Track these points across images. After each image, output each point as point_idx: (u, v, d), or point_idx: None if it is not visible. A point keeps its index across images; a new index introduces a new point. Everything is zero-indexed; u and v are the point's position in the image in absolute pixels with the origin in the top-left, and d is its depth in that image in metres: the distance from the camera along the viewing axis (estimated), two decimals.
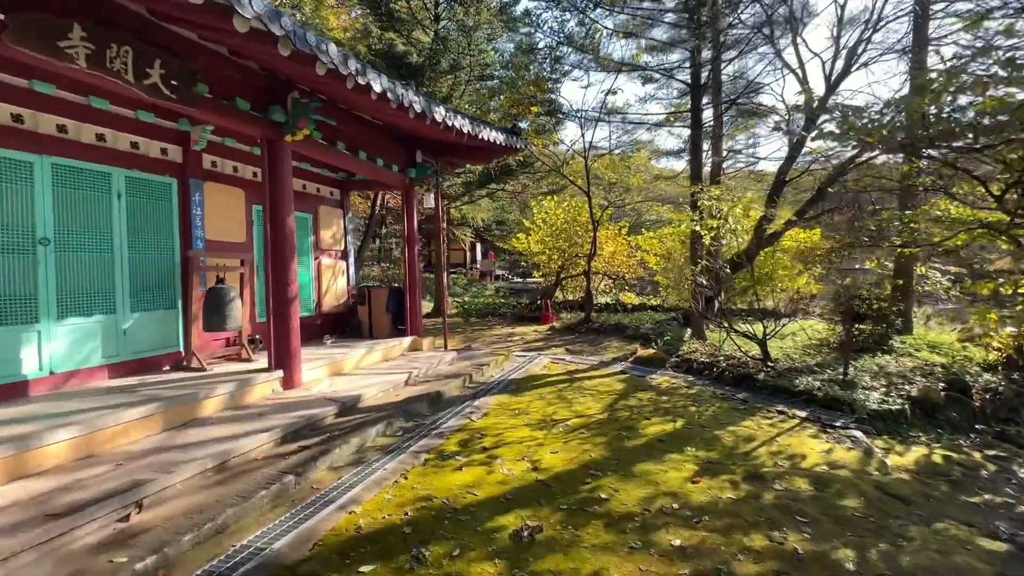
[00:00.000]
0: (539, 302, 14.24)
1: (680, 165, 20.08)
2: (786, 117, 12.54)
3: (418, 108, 5.37)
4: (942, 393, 5.65)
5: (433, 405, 5.39)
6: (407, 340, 7.36)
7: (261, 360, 5.33)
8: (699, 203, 8.04)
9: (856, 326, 9.09)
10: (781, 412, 5.46)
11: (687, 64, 9.13)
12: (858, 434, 4.74)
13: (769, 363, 6.58)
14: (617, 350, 9.04)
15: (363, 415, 4.72)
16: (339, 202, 7.86)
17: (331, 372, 5.81)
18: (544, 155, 10.19)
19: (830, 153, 12.59)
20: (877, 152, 10.51)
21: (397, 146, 7.30)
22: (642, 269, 16.79)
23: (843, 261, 8.01)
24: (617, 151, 14.36)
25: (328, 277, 7.56)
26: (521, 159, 12.29)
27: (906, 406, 5.38)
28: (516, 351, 9.02)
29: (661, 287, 17.40)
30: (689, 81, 9.00)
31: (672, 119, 11.46)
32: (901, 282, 9.01)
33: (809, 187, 11.77)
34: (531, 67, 10.27)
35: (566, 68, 10.12)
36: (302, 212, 7.16)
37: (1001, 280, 6.04)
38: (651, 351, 8.10)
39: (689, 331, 9.45)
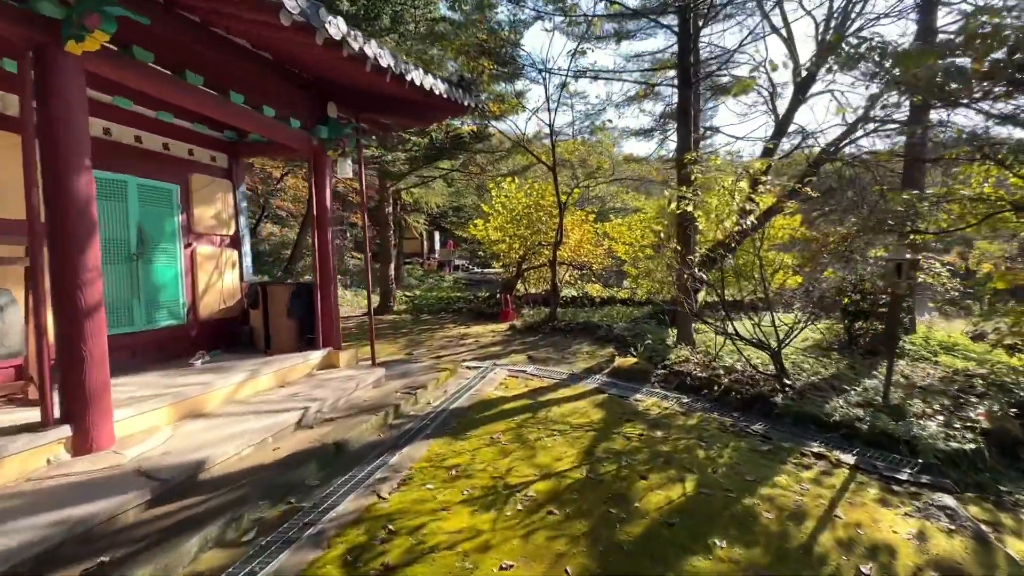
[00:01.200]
0: (498, 296, 12.50)
1: (650, 146, 18.59)
2: (769, 91, 11.20)
3: (301, 15, 3.45)
4: (1018, 422, 4.28)
5: (328, 466, 3.57)
6: (317, 355, 5.47)
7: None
8: (693, 177, 6.46)
9: (858, 324, 7.80)
10: (820, 456, 3.93)
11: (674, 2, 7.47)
12: (949, 501, 3.24)
13: (786, 381, 5.07)
14: (589, 356, 7.41)
15: (198, 500, 2.85)
16: (226, 171, 5.83)
17: (179, 415, 3.87)
18: (501, 124, 8.40)
19: (820, 131, 11.15)
20: (873, 127, 9.27)
21: (300, 94, 5.34)
22: (610, 259, 15.32)
23: (852, 251, 6.62)
24: (585, 127, 12.72)
25: (208, 272, 5.55)
26: (475, 130, 10.46)
27: (981, 444, 3.96)
28: (467, 360, 7.25)
29: (630, 278, 16.03)
30: (677, 27, 7.36)
31: (651, 87, 9.82)
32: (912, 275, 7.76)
33: (791, 172, 10.49)
34: (486, 11, 8.41)
35: (527, 14, 8.31)
36: (161, 181, 5.12)
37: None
38: (631, 360, 6.51)
39: (674, 332, 7.93)
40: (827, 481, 3.57)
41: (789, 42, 8.98)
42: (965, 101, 4.59)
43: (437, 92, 5.25)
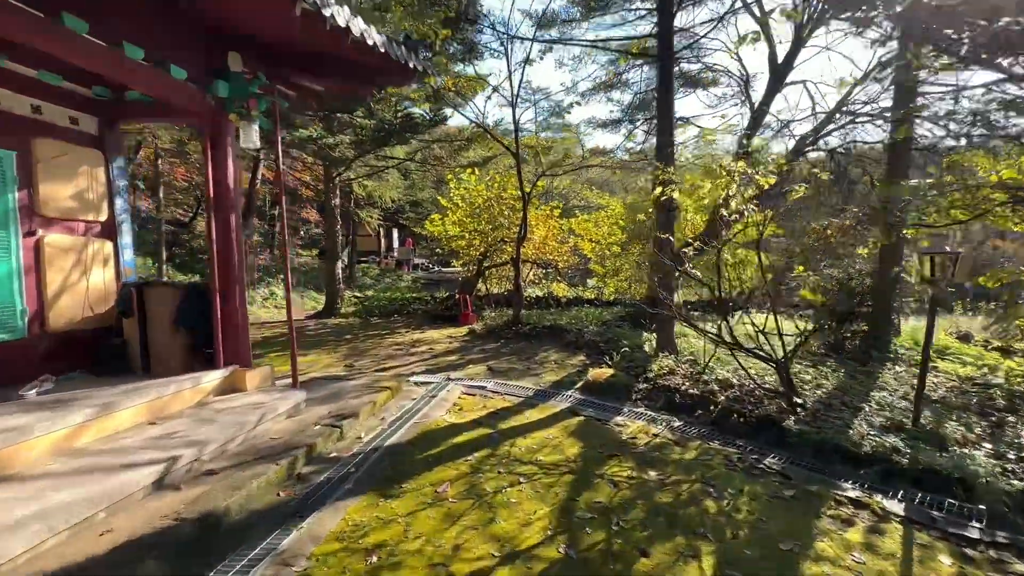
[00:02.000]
0: (457, 298, 11.35)
1: (617, 139, 17.69)
2: (743, 79, 10.55)
3: None
4: None
5: (184, 558, 2.37)
6: (215, 376, 4.20)
7: None
8: (678, 158, 5.56)
9: (848, 327, 7.14)
10: (859, 504, 3.04)
11: None
12: None
13: (796, 399, 4.20)
14: (558, 367, 6.40)
15: None
16: (95, 138, 4.45)
17: None
18: (455, 92, 7.25)
19: (798, 119, 10.43)
20: (861, 117, 8.69)
21: (189, 36, 4.06)
22: (576, 257, 14.44)
23: (853, 244, 5.88)
24: (550, 122, 11.73)
25: (64, 269, 4.17)
26: (429, 109, 9.27)
27: None
28: (417, 374, 6.09)
29: (597, 277, 15.21)
30: None
31: (635, 49, 8.87)
32: (898, 270, 7.16)
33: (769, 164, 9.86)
34: None
35: None
36: None
37: None
38: (607, 371, 5.54)
39: (652, 338, 7.03)
40: (881, 544, 2.67)
41: (764, 25, 8.28)
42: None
43: (371, 43, 4.08)
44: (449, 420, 4.38)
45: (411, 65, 4.75)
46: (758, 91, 11.52)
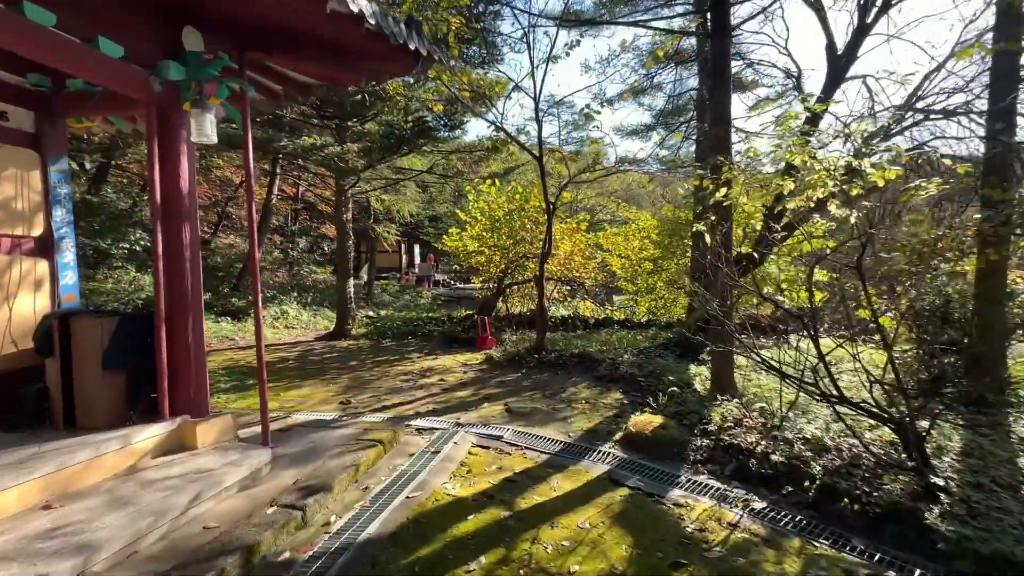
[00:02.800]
0: (475, 319, 10.36)
1: (646, 148, 16.59)
2: (794, 76, 9.38)
3: None
4: None
5: None
6: (154, 431, 3.26)
7: None
8: (746, 153, 4.47)
9: (942, 360, 5.81)
10: None
11: None
12: None
13: (934, 479, 2.99)
14: (590, 407, 5.29)
15: None
16: (30, 136, 3.65)
17: None
18: (473, 94, 6.33)
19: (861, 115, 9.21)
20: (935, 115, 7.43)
21: (131, 5, 3.23)
22: (603, 273, 13.32)
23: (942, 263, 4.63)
24: (574, 137, 10.74)
25: None
26: (443, 113, 8.43)
27: None
28: (420, 415, 5.08)
29: (626, 295, 14.03)
30: None
31: (672, 44, 7.83)
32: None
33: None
34: None
35: None
36: None
37: None
38: (653, 419, 4.40)
39: (702, 372, 5.85)
40: None
41: (820, 10, 7.14)
42: None
43: (355, 10, 3.16)
44: (453, 492, 3.32)
45: (412, 47, 3.81)
46: (807, 90, 10.31)
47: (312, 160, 8.09)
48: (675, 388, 5.19)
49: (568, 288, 13.88)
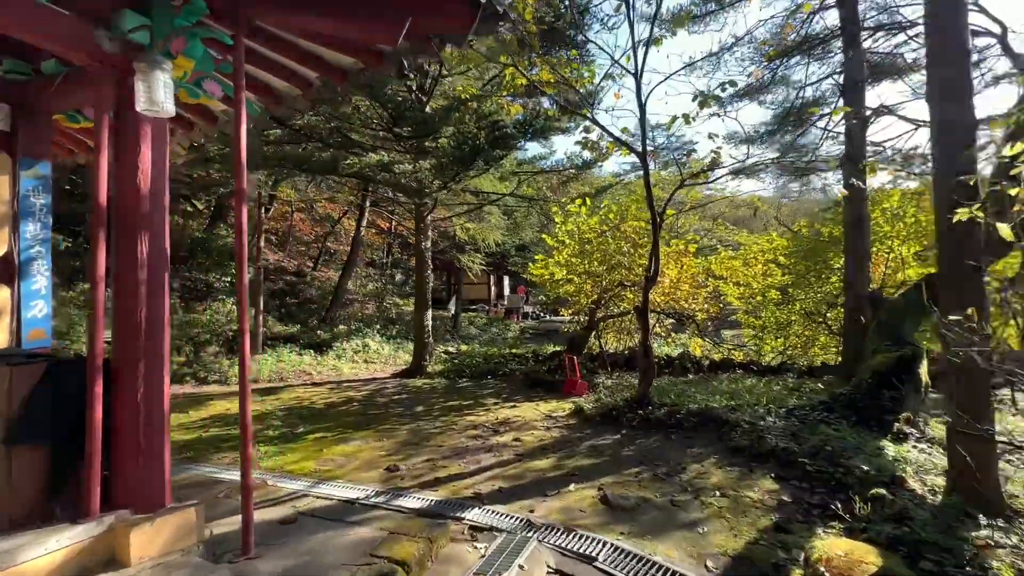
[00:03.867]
0: (562, 358, 8.83)
1: (765, 153, 14.11)
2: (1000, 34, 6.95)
3: None
4: None
5: None
6: (69, 537, 2.18)
7: None
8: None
9: None
10: None
11: None
12: None
13: None
14: (731, 509, 3.48)
15: None
16: (2, 136, 2.99)
17: None
18: (551, 79, 5.03)
19: None
20: None
21: None
22: (716, 304, 11.13)
23: None
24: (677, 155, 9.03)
25: None
26: (521, 119, 7.27)
27: None
28: (482, 498, 3.65)
29: (747, 331, 11.63)
30: None
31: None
32: None
33: None
34: None
35: None
36: None
37: None
38: (856, 549, 2.54)
39: (904, 454, 3.77)
40: None
41: None
42: None
43: None
44: None
45: None
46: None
47: (381, 180, 7.33)
48: (879, 488, 3.22)
49: (671, 321, 11.83)
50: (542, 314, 24.75)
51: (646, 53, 5.04)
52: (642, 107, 5.08)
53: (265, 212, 17.67)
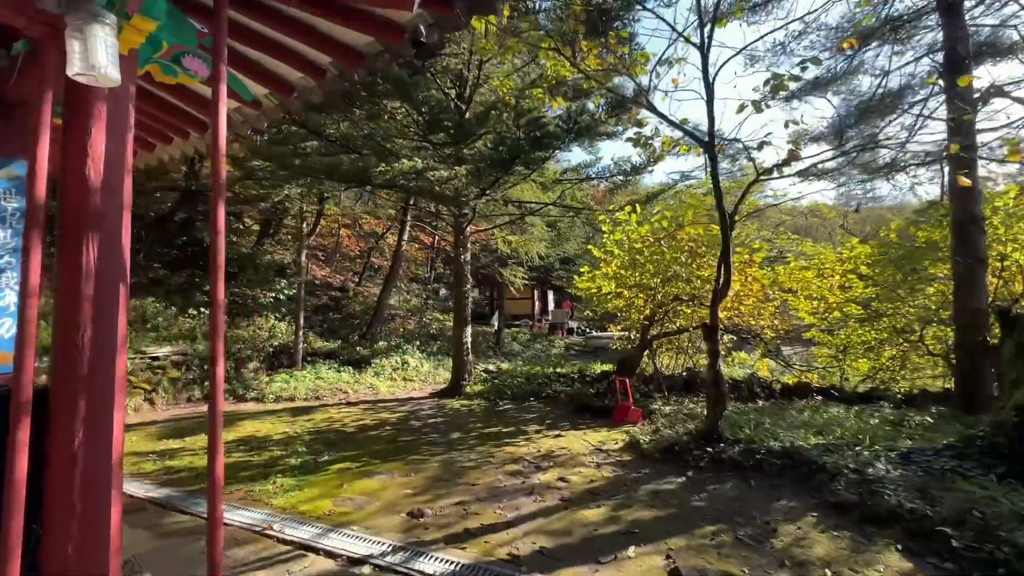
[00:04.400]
0: (612, 380, 7.98)
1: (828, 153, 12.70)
2: None
3: None
4: None
5: None
6: None
7: None
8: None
9: None
10: None
11: None
12: None
13: None
14: None
15: None
16: None
17: None
18: (605, 71, 4.34)
19: None
20: None
21: None
22: (785, 320, 9.92)
23: None
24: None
25: None
26: (566, 113, 6.61)
27: None
28: (519, 560, 2.94)
29: (820, 351, 10.33)
30: None
31: None
32: None
33: None
34: None
35: None
36: None
37: None
38: None
39: None
40: None
41: None
42: None
43: None
44: None
45: None
46: None
47: (415, 188, 6.86)
48: None
49: (730, 337, 10.67)
50: (588, 330, 23.77)
51: (712, 25, 4.28)
52: (709, 86, 4.29)
53: (312, 229, 17.92)
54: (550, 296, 27.98)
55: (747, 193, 4.85)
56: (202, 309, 11.35)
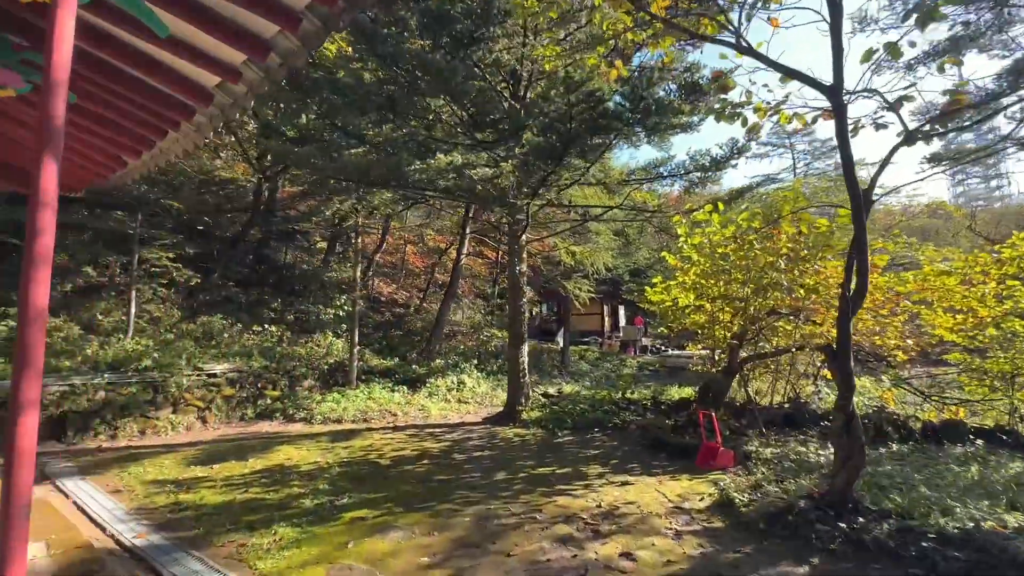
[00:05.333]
0: (692, 411, 6.58)
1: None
2: None
3: None
4: None
5: None
6: None
7: None
8: None
9: None
10: None
11: None
12: None
13: None
14: None
15: None
16: None
17: None
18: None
19: None
20: None
21: None
22: (916, 339, 7.88)
23: None
24: None
25: None
26: (625, 87, 5.44)
27: None
28: None
29: (966, 378, 8.11)
30: None
31: None
32: None
33: None
34: None
35: None
36: None
37: None
38: None
39: None
40: None
41: None
42: None
43: None
44: None
45: None
46: None
47: (454, 188, 6.02)
48: None
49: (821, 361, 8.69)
50: (663, 347, 21.84)
51: None
52: (836, 3, 2.99)
53: (378, 246, 17.97)
54: (621, 311, 26.31)
55: (888, 161, 3.43)
56: (266, 326, 11.36)
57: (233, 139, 12.32)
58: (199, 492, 4.76)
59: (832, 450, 3.84)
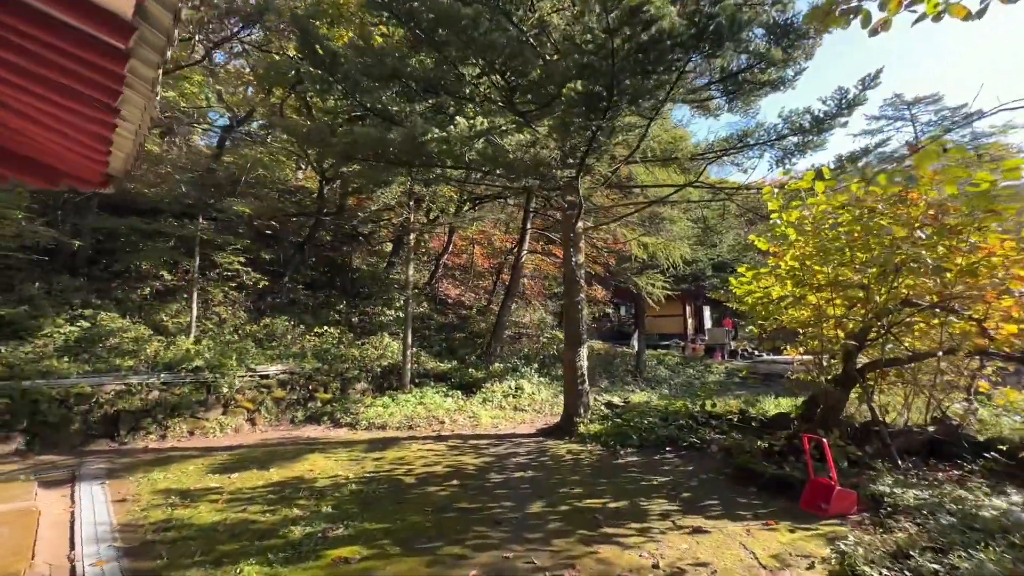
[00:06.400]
0: (791, 432, 5.06)
1: None
2: None
3: None
4: None
5: None
6: None
7: None
8: None
9: None
10: None
11: None
12: None
13: None
14: None
15: None
16: None
17: None
18: None
19: None
20: None
21: None
22: None
23: None
24: None
25: None
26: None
27: None
28: None
29: None
30: None
31: None
32: None
33: None
34: None
35: None
36: None
37: None
38: None
39: None
40: None
41: None
42: None
43: None
44: None
45: None
46: None
47: (482, 160, 5.04)
48: None
49: (995, 365, 6.46)
50: (756, 352, 19.32)
51: None
52: None
53: (444, 248, 17.66)
54: (706, 312, 23.90)
55: None
56: (327, 328, 11.25)
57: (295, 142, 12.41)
58: (198, 507, 4.26)
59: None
